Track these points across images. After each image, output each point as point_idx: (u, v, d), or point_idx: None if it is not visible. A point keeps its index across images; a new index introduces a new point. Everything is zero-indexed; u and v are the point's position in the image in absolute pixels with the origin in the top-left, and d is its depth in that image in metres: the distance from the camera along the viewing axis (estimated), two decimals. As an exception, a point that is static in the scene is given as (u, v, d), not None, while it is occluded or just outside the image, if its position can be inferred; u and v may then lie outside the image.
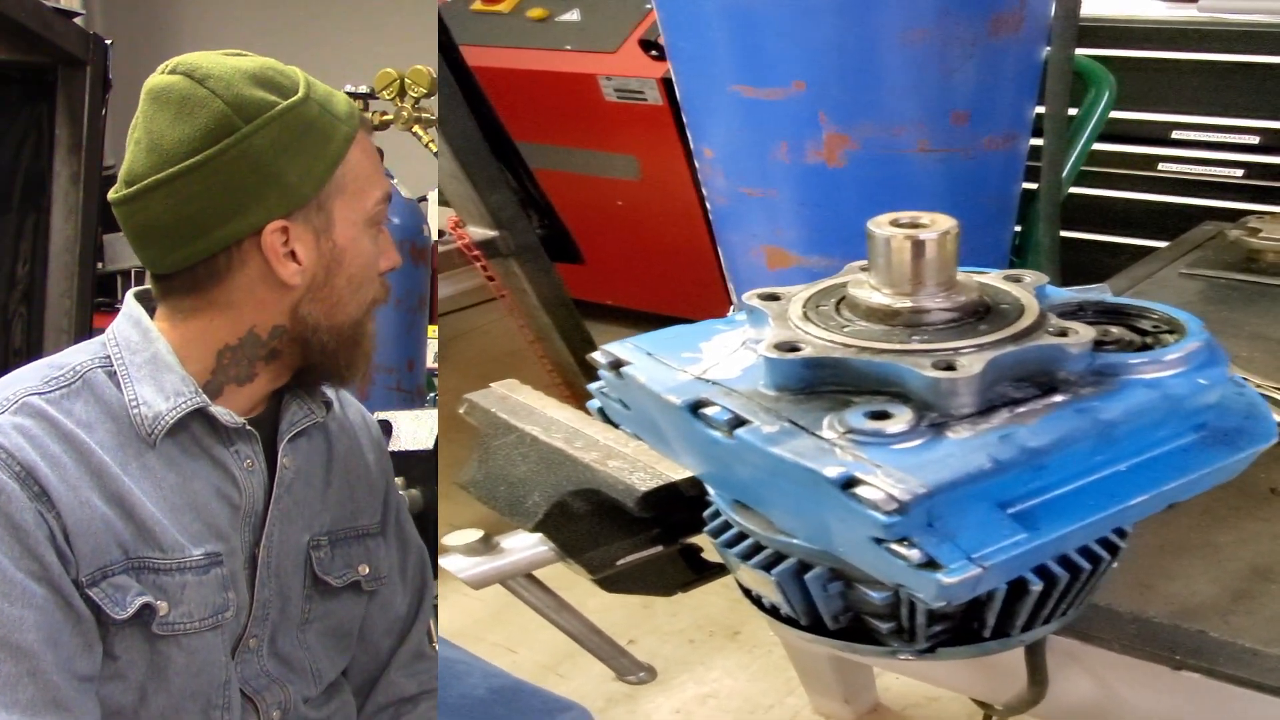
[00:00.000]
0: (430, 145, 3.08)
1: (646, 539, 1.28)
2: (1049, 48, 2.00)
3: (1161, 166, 3.15)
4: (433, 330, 3.36)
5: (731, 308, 2.22)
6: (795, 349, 0.87)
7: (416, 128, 3.08)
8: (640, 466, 1.20)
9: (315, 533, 1.40)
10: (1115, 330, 0.95)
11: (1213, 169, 3.08)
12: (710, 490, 1.04)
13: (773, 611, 1.06)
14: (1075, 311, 0.98)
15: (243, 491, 1.32)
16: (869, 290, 0.91)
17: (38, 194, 2.62)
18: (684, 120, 2.30)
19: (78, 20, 2.70)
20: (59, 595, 1.18)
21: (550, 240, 3.27)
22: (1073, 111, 2.52)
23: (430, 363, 3.38)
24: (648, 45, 3.42)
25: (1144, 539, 1.31)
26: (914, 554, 0.77)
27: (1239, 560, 1.25)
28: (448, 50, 2.93)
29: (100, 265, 3.18)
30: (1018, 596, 0.92)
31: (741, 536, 1.00)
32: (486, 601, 2.91)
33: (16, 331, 2.63)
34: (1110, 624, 1.18)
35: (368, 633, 1.50)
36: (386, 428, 2.16)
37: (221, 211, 1.26)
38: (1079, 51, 2.67)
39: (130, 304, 1.33)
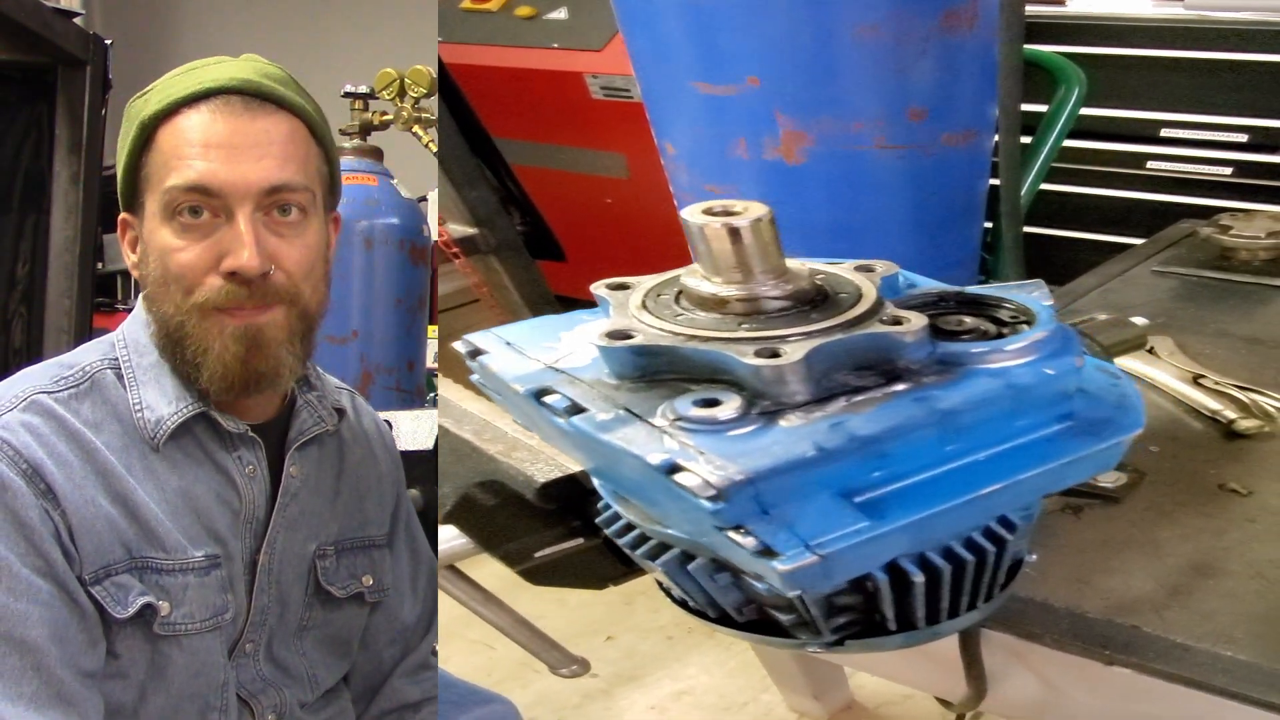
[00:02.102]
0: (430, 145, 3.09)
1: (565, 532, 1.27)
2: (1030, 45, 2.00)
3: (1150, 165, 3.13)
4: (432, 330, 3.36)
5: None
6: (627, 337, 0.87)
7: (416, 128, 3.08)
8: (544, 458, 1.20)
9: (322, 542, 1.40)
10: (970, 321, 0.94)
11: (1201, 167, 3.06)
12: (594, 481, 1.04)
13: (683, 604, 1.06)
14: (935, 302, 0.97)
15: (243, 498, 1.32)
16: (699, 279, 0.91)
17: (38, 194, 2.62)
18: (648, 118, 2.31)
19: (78, 20, 2.69)
20: (64, 591, 1.18)
21: (532, 238, 3.27)
22: (1044, 109, 2.52)
23: (430, 363, 3.38)
24: (632, 43, 3.42)
25: (1085, 535, 1.32)
26: (749, 541, 0.77)
27: (1179, 556, 1.25)
28: (423, 47, 2.94)
29: (100, 265, 3.18)
30: (906, 588, 0.91)
31: (631, 527, 1.00)
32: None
33: (16, 331, 2.62)
34: (1045, 620, 1.18)
35: (371, 642, 1.50)
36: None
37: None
38: (1056, 48, 2.67)
39: (141, 305, 1.33)
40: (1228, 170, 3.02)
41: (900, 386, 0.85)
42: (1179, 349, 1.69)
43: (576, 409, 0.84)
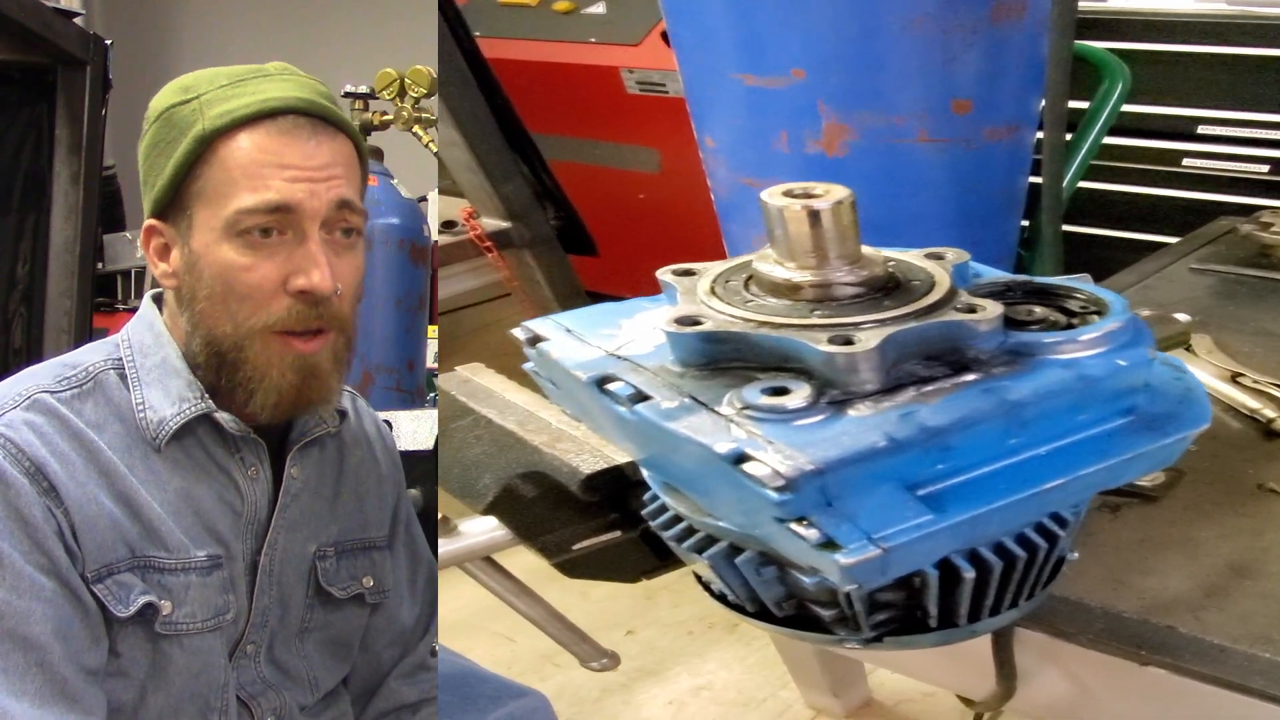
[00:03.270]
0: (430, 145, 3.10)
1: (604, 524, 1.26)
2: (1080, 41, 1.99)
3: (1186, 162, 3.09)
4: (433, 330, 3.37)
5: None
6: (696, 323, 0.85)
7: (416, 128, 3.08)
8: (589, 449, 1.19)
9: (322, 543, 1.40)
10: (1040, 310, 0.92)
11: (1238, 164, 3.02)
12: (644, 472, 1.02)
13: (721, 598, 1.04)
14: (1003, 291, 0.95)
15: (245, 499, 1.32)
16: (772, 264, 0.89)
17: (38, 194, 2.63)
18: (689, 110, 2.29)
19: (78, 20, 2.71)
20: (67, 589, 1.18)
21: (565, 232, 3.26)
22: (1085, 105, 2.49)
23: (430, 363, 3.39)
24: (669, 38, 3.41)
25: (1123, 534, 1.31)
26: (812, 534, 0.75)
27: (1217, 556, 1.24)
28: (463, 40, 2.93)
29: (100, 265, 3.19)
30: (953, 584, 0.89)
31: (677, 519, 0.98)
32: (488, 592, 2.93)
33: (16, 331, 2.63)
34: (1079, 619, 1.17)
35: (371, 644, 1.49)
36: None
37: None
38: (1095, 43, 2.63)
39: (146, 306, 1.33)
40: (1265, 168, 2.98)
41: (969, 377, 0.83)
42: (1217, 347, 1.67)
43: (640, 397, 0.82)
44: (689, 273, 0.94)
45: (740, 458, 0.75)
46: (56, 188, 2.60)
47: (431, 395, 3.29)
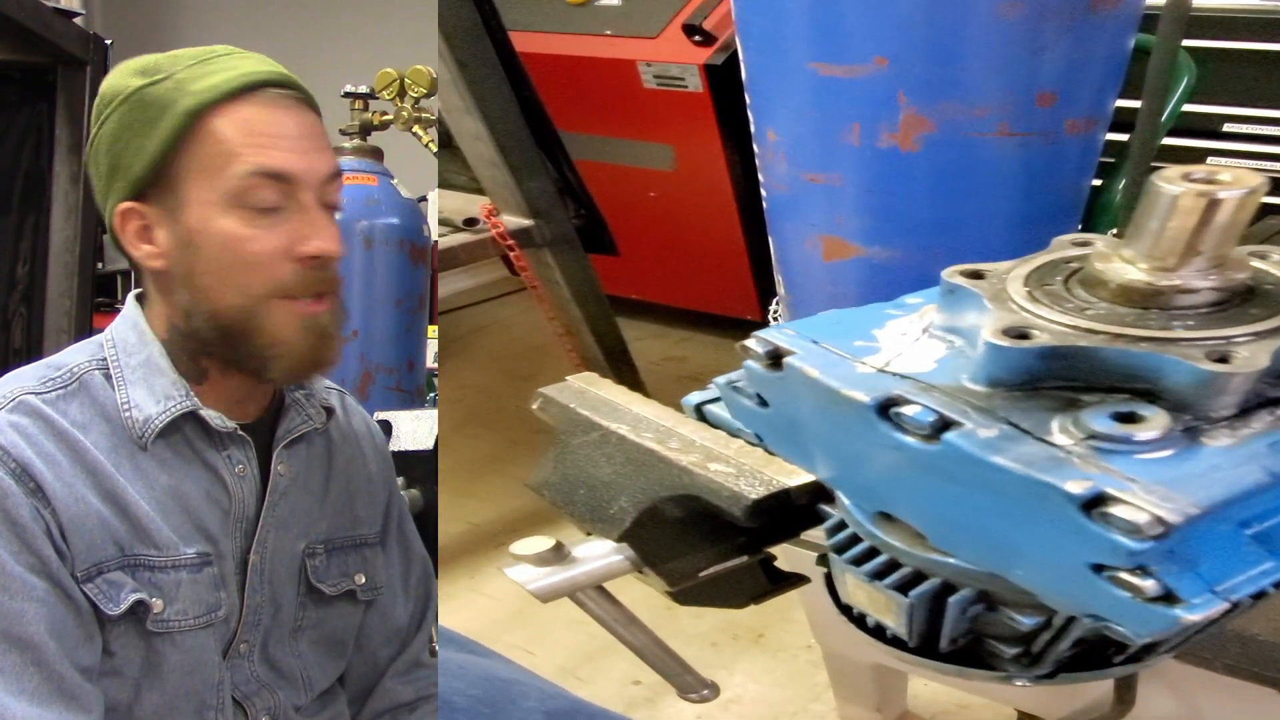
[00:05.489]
0: (430, 145, 3.11)
1: (732, 548, 1.16)
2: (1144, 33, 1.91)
3: (1210, 160, 3.02)
4: (433, 330, 3.37)
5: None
6: (1026, 336, 0.71)
7: (416, 128, 3.13)
8: (746, 471, 1.07)
9: (311, 540, 1.42)
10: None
11: (1264, 164, 2.96)
12: (845, 500, 0.90)
13: (877, 632, 0.94)
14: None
15: (232, 496, 1.33)
16: (1122, 265, 0.75)
17: (38, 194, 2.66)
18: (748, 102, 2.18)
19: (78, 20, 2.75)
20: (59, 588, 1.19)
21: (585, 230, 3.20)
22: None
23: (430, 363, 3.39)
24: (691, 30, 3.31)
25: None
26: (1149, 585, 0.63)
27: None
28: (495, 31, 2.87)
29: (100, 265, 3.31)
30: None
31: (872, 552, 0.87)
32: (504, 603, 2.86)
33: (16, 331, 2.68)
34: (1211, 643, 1.12)
35: (366, 642, 1.51)
36: (386, 428, 2.19)
37: (102, 196, 1.32)
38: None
39: (130, 306, 1.35)
40: (1291, 168, 2.92)
41: (1323, 399, 0.71)
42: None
43: (946, 424, 0.70)
44: (978, 274, 0.80)
45: (1099, 498, 0.62)
46: (56, 188, 2.64)
47: (431, 395, 3.26)
